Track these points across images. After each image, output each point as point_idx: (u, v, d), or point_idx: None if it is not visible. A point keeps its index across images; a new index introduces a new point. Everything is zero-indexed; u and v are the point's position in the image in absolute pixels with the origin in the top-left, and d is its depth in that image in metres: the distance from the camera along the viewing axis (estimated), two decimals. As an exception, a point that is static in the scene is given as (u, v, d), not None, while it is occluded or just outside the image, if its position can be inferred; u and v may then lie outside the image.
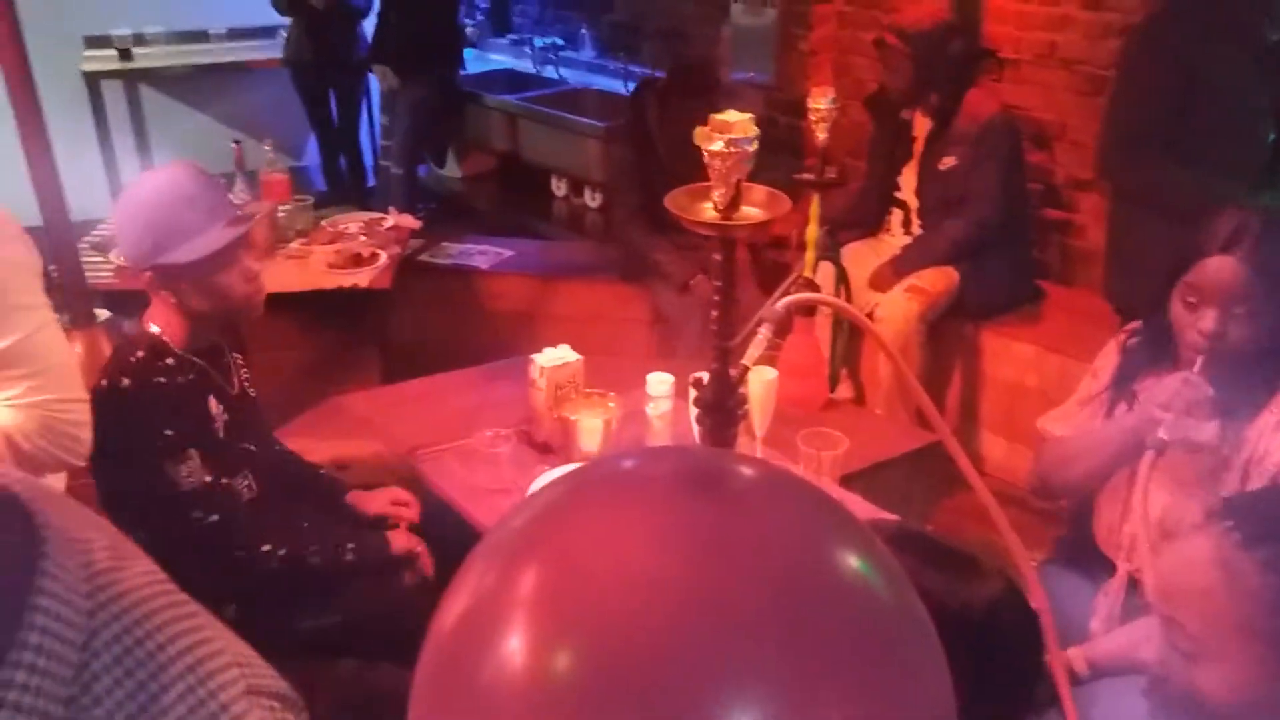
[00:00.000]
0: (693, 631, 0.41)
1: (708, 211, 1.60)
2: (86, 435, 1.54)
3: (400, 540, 2.03)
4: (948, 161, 3.23)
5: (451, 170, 5.74)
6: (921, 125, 3.31)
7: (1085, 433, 1.89)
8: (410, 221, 3.66)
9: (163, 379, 1.78)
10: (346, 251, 3.27)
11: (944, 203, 3.29)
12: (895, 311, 3.17)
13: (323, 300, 3.10)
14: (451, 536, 1.92)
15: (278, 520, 1.95)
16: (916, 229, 3.40)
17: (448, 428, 2.29)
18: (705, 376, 1.81)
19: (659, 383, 2.12)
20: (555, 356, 2.19)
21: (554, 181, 5.21)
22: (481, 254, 3.88)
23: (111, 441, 1.66)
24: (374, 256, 3.28)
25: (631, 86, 4.36)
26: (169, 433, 1.75)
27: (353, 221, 3.58)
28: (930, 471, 2.41)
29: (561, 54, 5.59)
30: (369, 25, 5.01)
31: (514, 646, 0.42)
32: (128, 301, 2.49)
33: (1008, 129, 3.20)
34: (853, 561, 0.46)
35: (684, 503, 0.47)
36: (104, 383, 1.75)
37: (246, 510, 1.90)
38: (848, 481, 2.07)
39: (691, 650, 0.41)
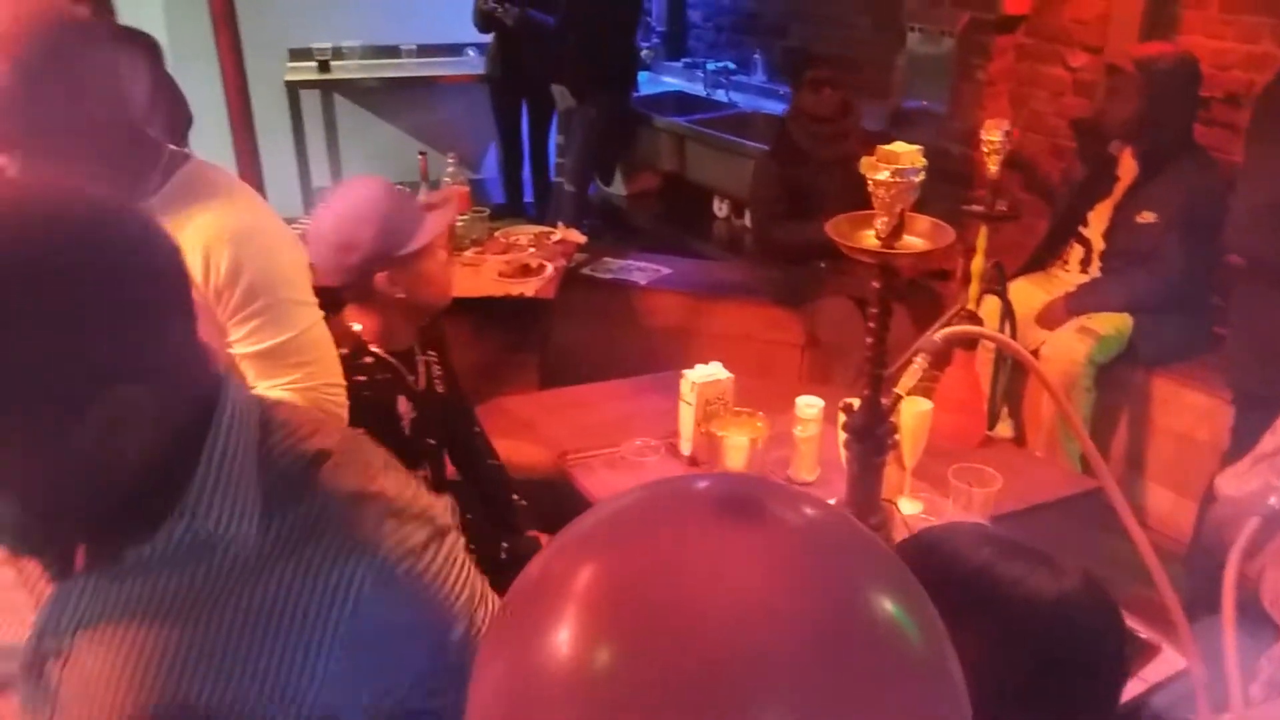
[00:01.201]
0: (729, 648, 0.44)
1: (869, 239, 1.61)
2: (346, 416, 1.65)
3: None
4: (1147, 217, 3.11)
5: (617, 188, 5.88)
6: (1128, 168, 3.19)
7: (1254, 494, 1.79)
8: (576, 236, 3.79)
9: (363, 377, 1.91)
10: (516, 262, 3.41)
11: (1133, 252, 3.17)
12: (1063, 351, 3.07)
13: (492, 306, 3.24)
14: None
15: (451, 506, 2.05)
16: (1096, 270, 3.28)
17: (599, 434, 2.37)
18: (856, 402, 1.82)
19: (808, 406, 2.12)
20: (707, 373, 2.23)
21: (716, 202, 5.27)
22: (641, 270, 3.96)
23: None
24: (541, 268, 3.41)
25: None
26: (366, 429, 1.86)
27: (523, 234, 3.73)
28: (1088, 519, 2.32)
29: (733, 78, 5.65)
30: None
31: (563, 636, 0.46)
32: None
33: (1214, 200, 2.98)
34: (891, 609, 0.48)
35: (741, 528, 0.49)
36: None
37: None
38: (999, 522, 2.02)
39: (724, 664, 0.43)
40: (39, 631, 0.90)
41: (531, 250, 3.57)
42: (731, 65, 5.70)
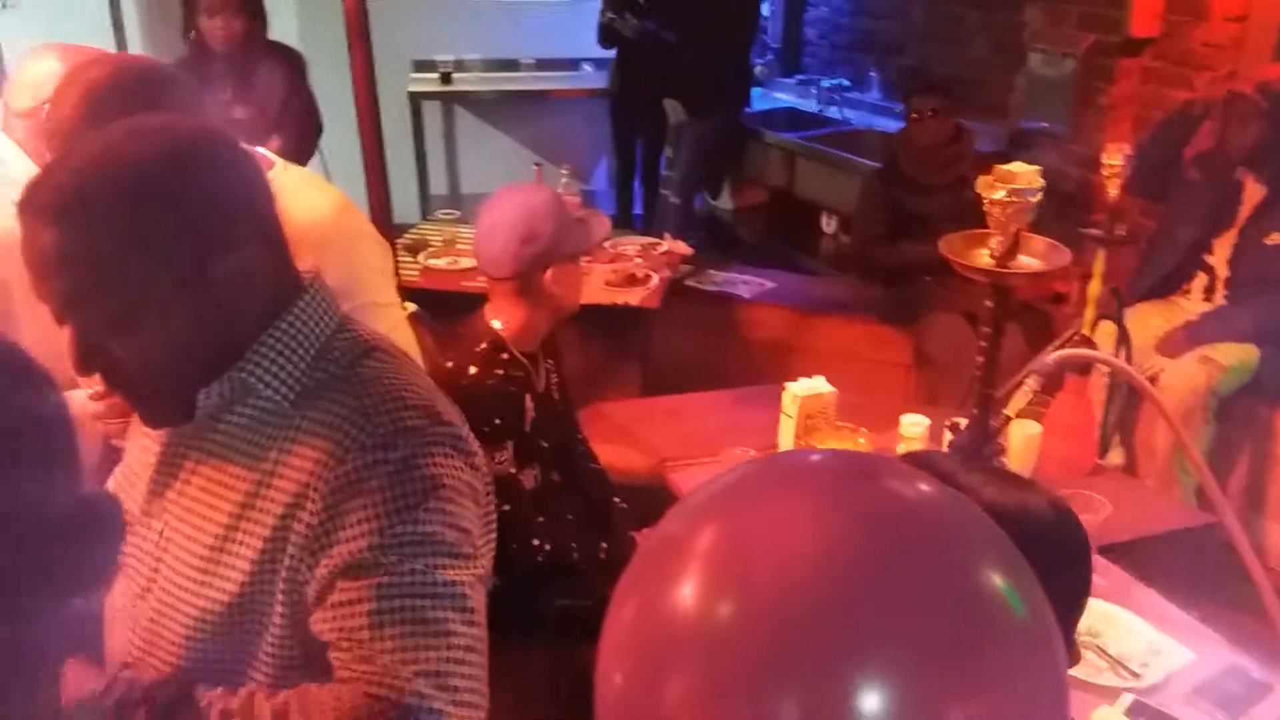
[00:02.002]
0: (838, 604, 0.47)
1: (983, 258, 1.61)
2: None
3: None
4: (1276, 238, 3.01)
5: (724, 202, 5.91)
6: (1253, 192, 3.09)
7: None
8: (683, 248, 3.83)
9: (500, 371, 1.99)
10: (623, 271, 3.47)
11: (1261, 278, 3.05)
12: (1183, 380, 2.97)
13: (597, 314, 3.30)
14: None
15: (550, 512, 2.11)
16: (1221, 299, 3.17)
17: (696, 443, 2.40)
18: (964, 422, 1.81)
19: (912, 424, 2.12)
20: (809, 386, 2.24)
21: (824, 219, 5.25)
22: (745, 283, 3.98)
23: None
24: (647, 278, 3.46)
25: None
26: (497, 422, 1.94)
27: (631, 244, 3.79)
28: (1201, 555, 2.25)
29: (847, 95, 5.63)
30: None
31: (687, 590, 0.49)
32: (422, 299, 2.78)
33: None
34: (997, 580, 0.50)
35: (854, 494, 0.52)
36: (450, 365, 1.98)
37: (528, 500, 2.07)
38: (1106, 552, 1.98)
39: (834, 619, 0.46)
40: (152, 483, 1.10)
41: (638, 261, 3.63)
42: (846, 82, 5.68)
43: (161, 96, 1.36)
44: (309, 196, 1.62)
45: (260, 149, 1.61)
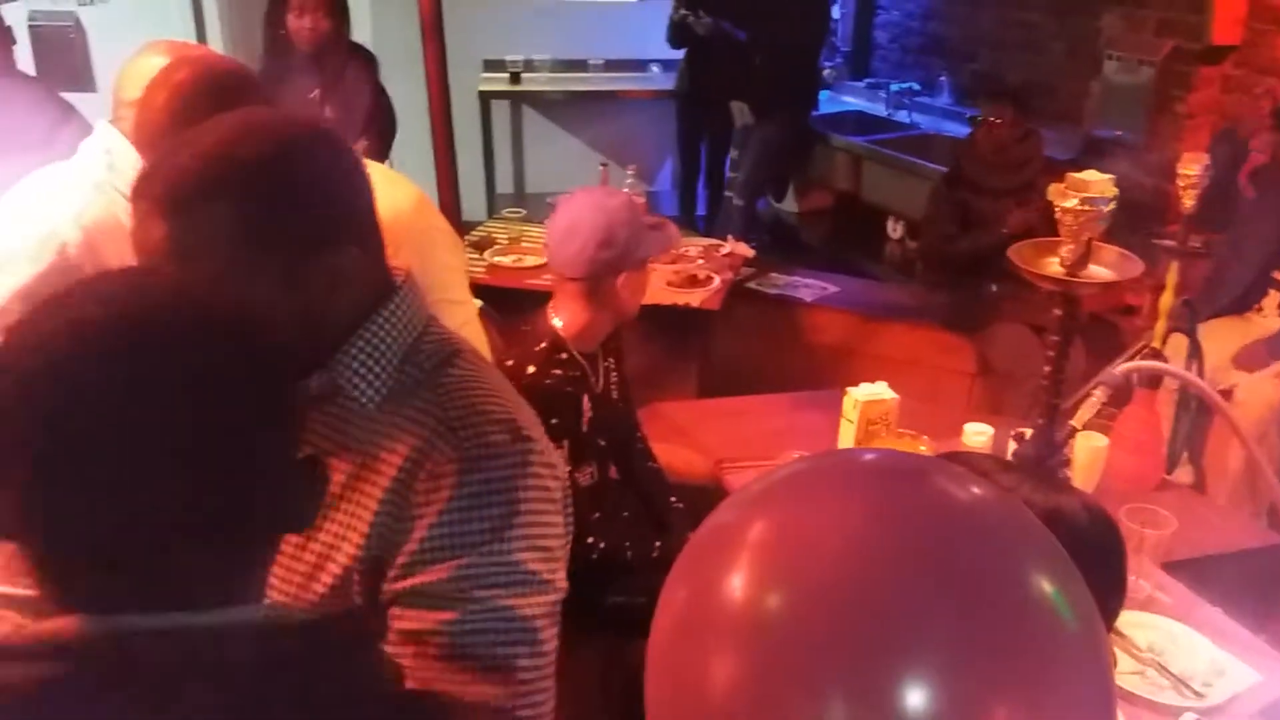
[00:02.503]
0: (886, 598, 0.47)
1: (1052, 266, 1.59)
2: None
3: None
4: None
5: (789, 205, 5.89)
6: None
7: None
8: (745, 250, 3.83)
9: (559, 371, 2.02)
10: (685, 272, 3.48)
11: None
12: (1259, 396, 2.90)
13: (658, 314, 3.31)
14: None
15: (606, 509, 2.13)
16: (1296, 316, 3.09)
17: (754, 445, 2.40)
18: (1029, 432, 1.78)
19: (976, 433, 2.09)
20: (871, 392, 2.23)
21: (890, 224, 5.20)
22: (807, 287, 3.96)
23: None
24: (708, 279, 3.46)
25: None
26: (554, 421, 1.97)
27: (693, 245, 3.80)
28: (1272, 576, 2.19)
29: (916, 99, 5.58)
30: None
31: (736, 581, 0.50)
32: (487, 295, 2.82)
33: None
34: (1046, 585, 0.50)
35: (906, 491, 0.53)
36: (510, 363, 2.01)
37: (583, 497, 2.09)
38: (1172, 569, 1.94)
39: (882, 614, 0.47)
40: None
41: (700, 262, 3.64)
42: (916, 86, 5.63)
43: (244, 101, 1.40)
44: (388, 193, 1.65)
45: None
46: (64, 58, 4.36)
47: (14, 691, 0.64)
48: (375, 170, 1.69)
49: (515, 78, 5.94)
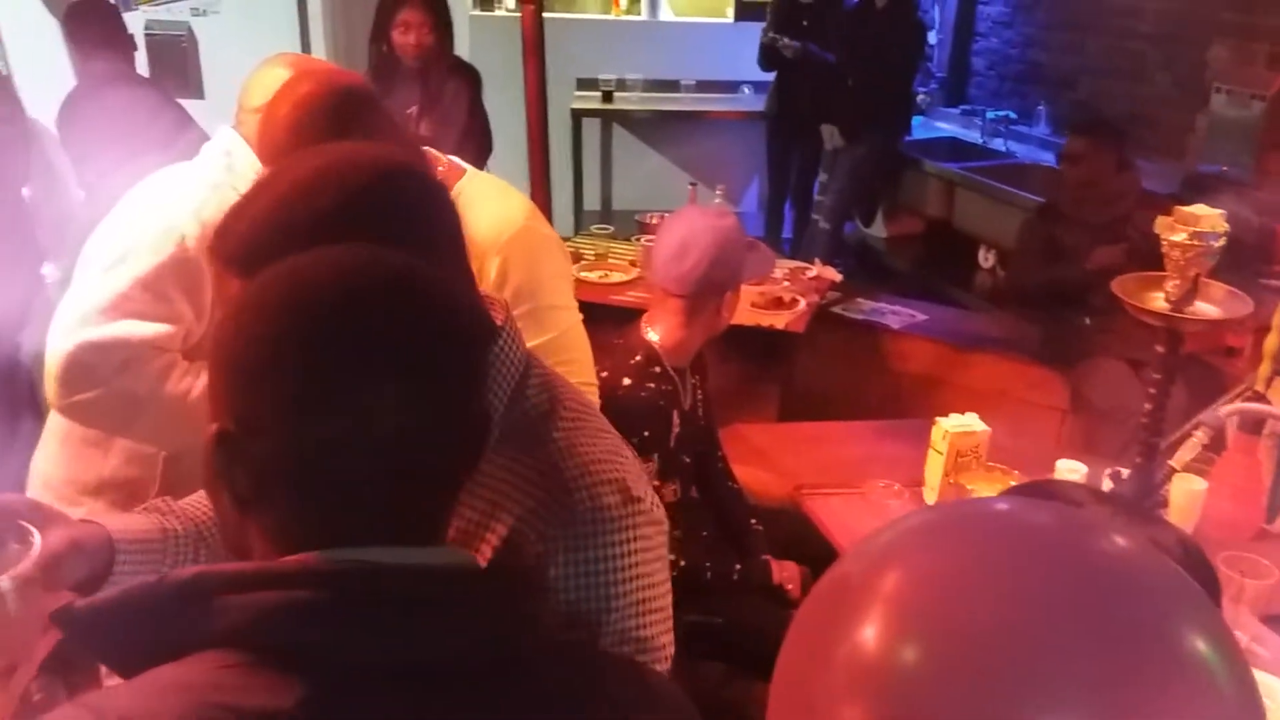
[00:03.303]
0: (1027, 656, 0.46)
1: (1157, 301, 1.54)
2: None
3: (782, 572, 2.14)
4: None
5: (877, 230, 5.83)
6: None
7: None
8: (832, 274, 3.80)
9: (652, 385, 2.04)
10: (770, 294, 3.46)
11: None
12: (1364, 448, 2.77)
13: (741, 335, 3.30)
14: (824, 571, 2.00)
15: (686, 528, 2.13)
16: None
17: (836, 472, 2.37)
18: (1125, 472, 1.73)
19: (1069, 470, 2.04)
20: (961, 423, 2.18)
21: (981, 252, 5.12)
22: (894, 314, 3.91)
23: None
24: (794, 302, 3.44)
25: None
26: (646, 434, 1.99)
27: (779, 268, 3.77)
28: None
29: (1013, 128, 5.48)
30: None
31: (868, 632, 0.49)
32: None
33: None
34: (1200, 645, 0.47)
35: (1048, 545, 0.51)
36: (604, 375, 2.03)
37: (668, 514, 2.09)
38: (1270, 622, 1.86)
39: (1021, 672, 0.45)
40: None
41: (786, 284, 3.61)
42: (1012, 115, 5.53)
43: (364, 117, 1.44)
44: (501, 203, 1.71)
45: (453, 157, 1.69)
46: (176, 66, 4.55)
47: (278, 611, 0.68)
48: (488, 182, 1.73)
49: (607, 96, 6.01)
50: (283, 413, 0.72)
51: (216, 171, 1.65)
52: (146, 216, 1.60)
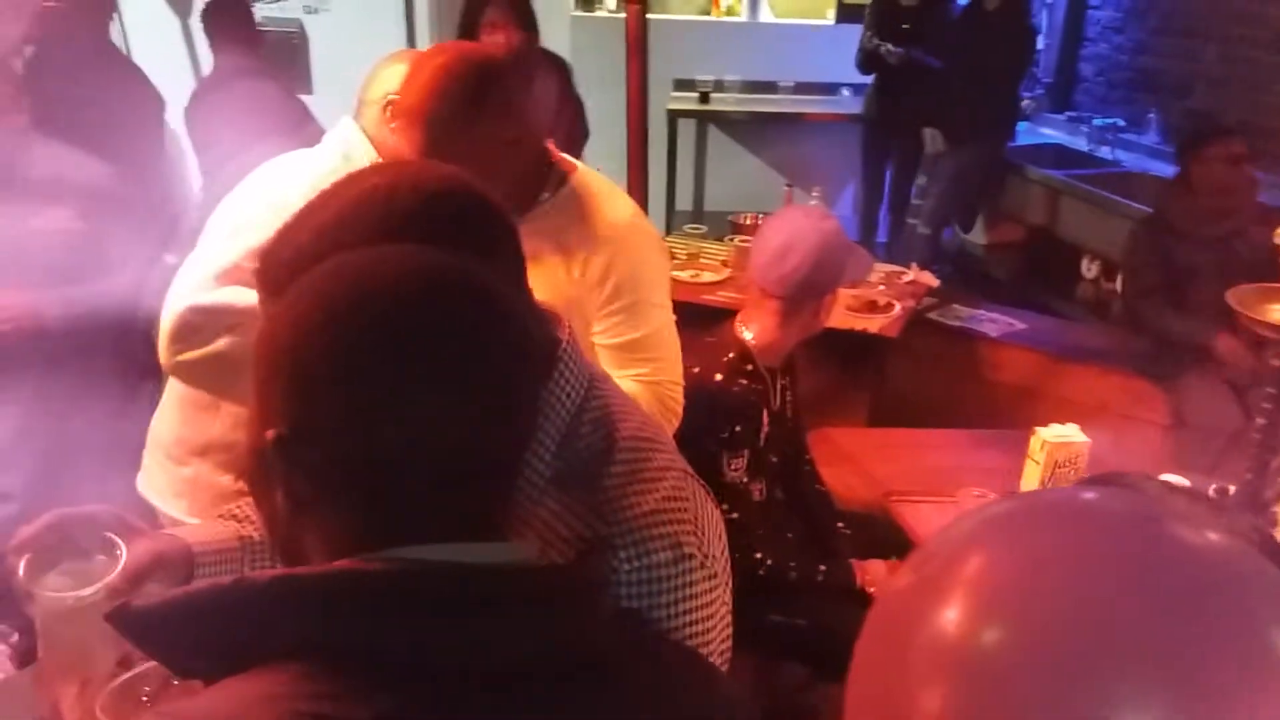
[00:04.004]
0: (1111, 643, 0.46)
1: (1275, 313, 1.48)
2: (681, 411, 1.79)
3: (866, 574, 2.11)
4: None
5: (976, 236, 5.71)
6: None
7: None
8: (929, 279, 3.73)
9: (744, 381, 2.05)
10: (864, 297, 3.42)
11: None
12: None
13: (834, 337, 3.27)
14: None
15: (772, 527, 2.12)
16: None
17: (927, 480, 2.33)
18: (1232, 488, 1.67)
19: (1171, 486, 1.97)
20: (1061, 434, 2.13)
21: (1085, 262, 4.97)
22: (992, 322, 3.83)
23: (688, 420, 1.93)
24: (889, 306, 3.39)
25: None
26: (737, 429, 1.99)
27: (875, 271, 3.72)
28: None
29: (1121, 135, 5.32)
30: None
31: (951, 615, 0.49)
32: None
33: None
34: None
35: (1135, 534, 0.51)
36: (696, 370, 2.04)
37: (754, 512, 2.09)
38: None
39: (1105, 659, 0.45)
40: None
41: (881, 288, 3.57)
42: (1121, 122, 5.37)
43: (497, 88, 1.50)
44: (610, 199, 1.74)
45: (565, 155, 1.73)
46: (287, 61, 4.70)
47: (355, 616, 0.67)
48: (596, 178, 1.76)
49: (704, 97, 6.01)
50: (349, 418, 0.70)
51: (333, 158, 1.72)
52: (262, 194, 1.69)
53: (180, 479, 1.80)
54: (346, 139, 1.75)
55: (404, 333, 0.70)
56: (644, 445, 1.00)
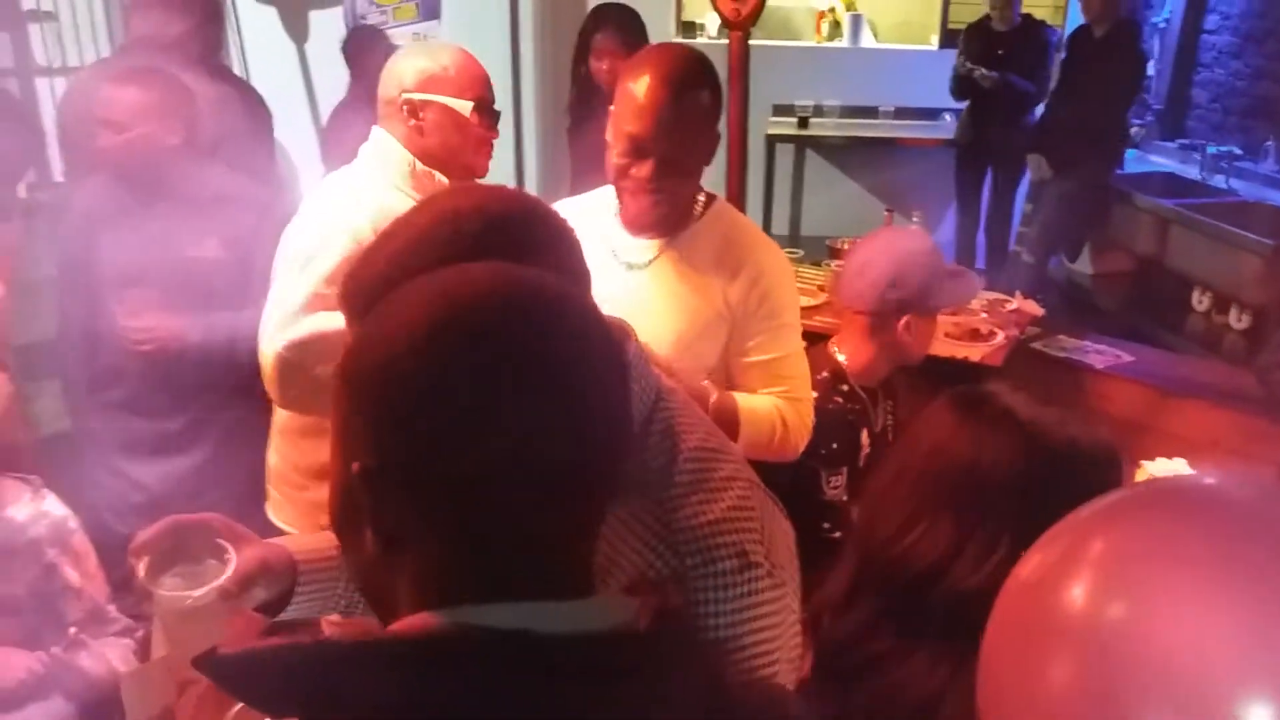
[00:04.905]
0: (1234, 627, 0.47)
1: None
2: (810, 431, 1.81)
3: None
4: None
5: (1083, 265, 5.57)
6: None
7: None
8: (1034, 308, 3.66)
9: (840, 399, 2.06)
10: (966, 325, 3.37)
11: None
12: None
13: (934, 365, 3.22)
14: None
15: None
16: None
17: (1033, 513, 2.28)
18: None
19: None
20: (1168, 467, 2.08)
21: (1196, 294, 4.81)
22: (1098, 353, 3.72)
23: None
24: (991, 334, 3.34)
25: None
26: (834, 446, 1.99)
27: (977, 298, 3.67)
28: None
29: (1236, 164, 5.15)
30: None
31: (1077, 590, 0.52)
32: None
33: None
34: None
35: (1258, 516, 0.53)
36: None
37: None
38: None
39: (1225, 633, 0.47)
40: None
41: (983, 316, 3.51)
42: (1236, 150, 5.19)
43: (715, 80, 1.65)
44: (752, 230, 1.80)
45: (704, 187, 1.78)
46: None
47: (437, 688, 0.65)
48: (732, 211, 1.80)
49: (803, 122, 6.01)
50: (441, 439, 0.67)
51: (373, 169, 1.80)
52: (323, 218, 1.74)
53: (305, 502, 1.88)
54: (379, 148, 1.82)
55: (490, 347, 0.67)
56: (709, 456, 1.02)
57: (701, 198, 1.74)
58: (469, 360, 0.67)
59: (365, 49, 3.88)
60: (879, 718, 1.13)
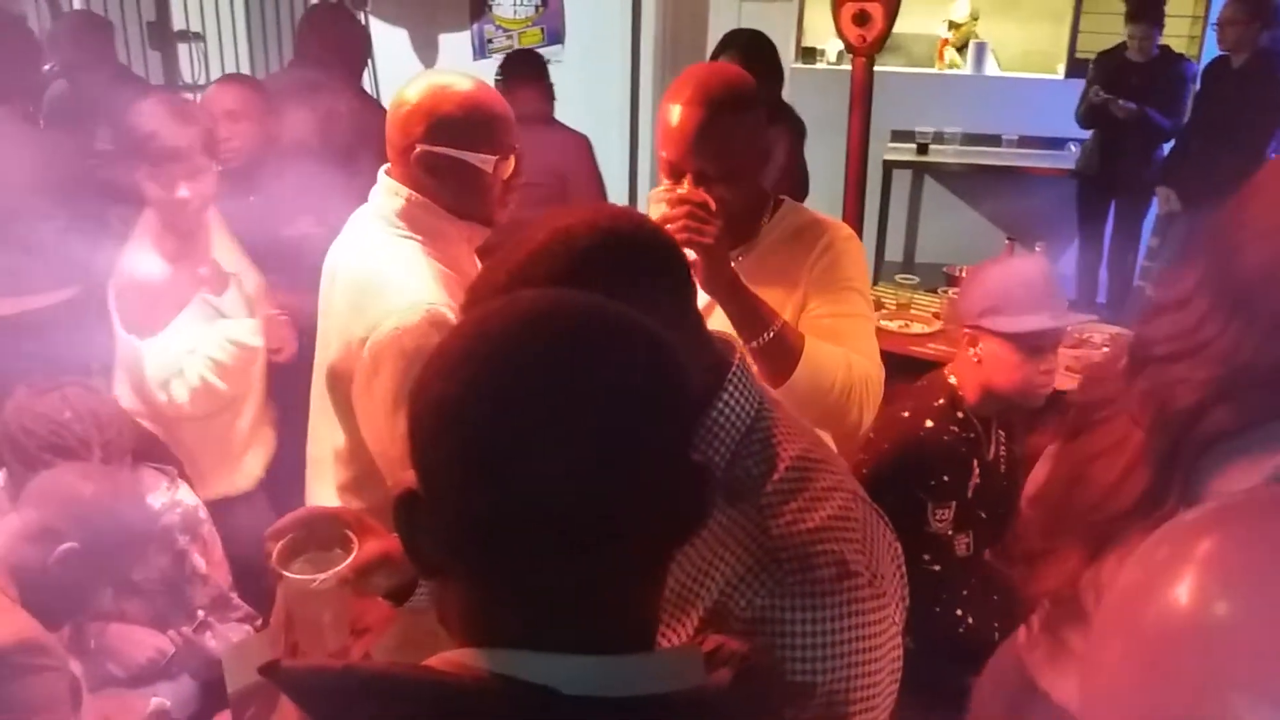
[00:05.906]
0: None
1: None
2: (873, 409, 1.74)
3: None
4: None
5: (1211, 304, 5.34)
6: None
7: None
8: (1157, 344, 3.53)
9: (955, 429, 2.03)
10: (1085, 358, 3.27)
11: None
12: None
13: (1054, 400, 3.14)
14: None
15: (976, 585, 2.06)
16: None
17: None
18: None
19: None
20: None
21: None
22: (1227, 395, 3.57)
23: (898, 464, 1.91)
24: (1112, 370, 3.24)
25: None
26: (946, 479, 1.97)
27: (1097, 332, 3.56)
28: None
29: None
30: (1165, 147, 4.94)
31: (1183, 589, 0.55)
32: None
33: None
34: None
35: None
36: (906, 415, 2.04)
37: (957, 568, 2.04)
38: None
39: None
40: None
41: (1105, 350, 3.40)
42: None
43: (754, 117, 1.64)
44: (820, 216, 1.79)
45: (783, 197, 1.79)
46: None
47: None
48: (804, 214, 1.80)
49: (923, 149, 5.93)
50: (457, 474, 0.65)
51: (379, 220, 1.71)
52: (386, 292, 1.63)
53: None
54: (380, 200, 1.73)
55: (510, 384, 0.65)
56: (811, 465, 1.02)
57: (771, 204, 1.75)
58: (488, 396, 0.65)
59: (523, 73, 3.96)
60: None
